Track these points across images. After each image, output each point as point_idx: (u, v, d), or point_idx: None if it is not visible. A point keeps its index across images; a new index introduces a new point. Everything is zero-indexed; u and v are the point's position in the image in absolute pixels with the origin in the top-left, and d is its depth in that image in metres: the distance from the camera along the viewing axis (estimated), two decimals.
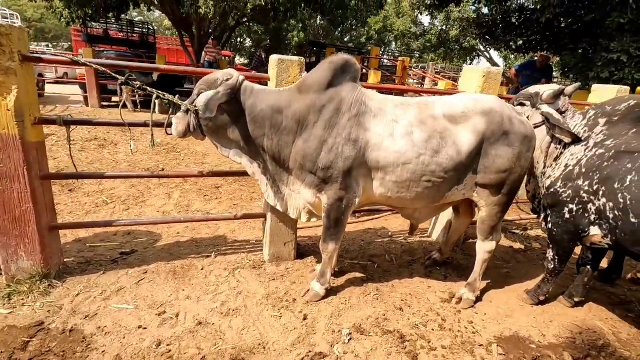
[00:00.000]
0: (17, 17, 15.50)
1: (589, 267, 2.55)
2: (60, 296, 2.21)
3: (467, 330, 2.27)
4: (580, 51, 5.77)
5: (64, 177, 2.80)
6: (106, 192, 4.04)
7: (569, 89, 2.57)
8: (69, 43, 18.96)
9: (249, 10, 10.24)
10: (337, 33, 25.30)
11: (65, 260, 2.55)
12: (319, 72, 2.14)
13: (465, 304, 2.49)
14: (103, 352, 1.84)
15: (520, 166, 2.24)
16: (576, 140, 2.33)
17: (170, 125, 2.17)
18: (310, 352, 1.93)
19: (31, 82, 2.09)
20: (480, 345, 2.13)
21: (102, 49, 11.63)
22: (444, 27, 13.61)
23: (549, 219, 2.45)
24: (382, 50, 27.17)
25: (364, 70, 9.23)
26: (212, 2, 6.48)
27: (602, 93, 3.48)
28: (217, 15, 7.18)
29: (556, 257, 2.48)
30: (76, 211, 3.50)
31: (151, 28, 13.80)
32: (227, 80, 2.06)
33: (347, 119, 2.07)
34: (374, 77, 7.71)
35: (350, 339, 2.05)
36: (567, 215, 2.29)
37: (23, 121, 2.02)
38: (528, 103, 2.57)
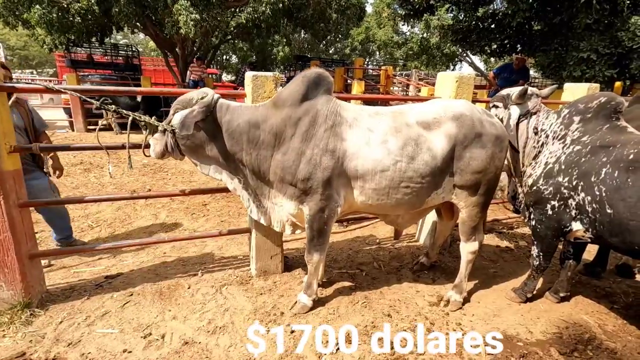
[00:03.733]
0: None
1: (571, 261, 2.59)
2: (42, 325, 2.17)
3: (454, 329, 2.28)
4: (553, 52, 5.95)
5: (43, 204, 2.77)
6: (92, 216, 4.01)
7: (545, 91, 2.66)
8: (54, 69, 18.96)
9: (232, 28, 10.42)
10: (321, 46, 25.72)
11: (47, 287, 2.51)
12: (293, 86, 2.18)
13: (453, 306, 2.50)
14: None
15: (494, 166, 2.31)
16: (514, 149, 2.55)
17: (148, 146, 2.18)
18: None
19: (4, 111, 2.09)
20: (470, 345, 2.14)
21: (86, 73, 11.63)
22: (424, 35, 13.91)
23: (531, 216, 2.49)
24: (368, 60, 27.68)
25: (348, 81, 9.38)
26: (192, 23, 6.57)
27: (574, 91, 3.58)
28: (198, 35, 7.26)
29: (540, 254, 2.51)
30: None
31: (135, 50, 13.85)
32: (202, 98, 2.09)
33: (324, 130, 2.11)
34: (357, 87, 7.83)
35: (337, 349, 2.05)
36: (549, 212, 2.34)
37: None
38: (501, 105, 2.65)
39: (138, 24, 9.32)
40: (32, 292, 2.30)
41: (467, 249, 2.51)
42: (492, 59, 16.08)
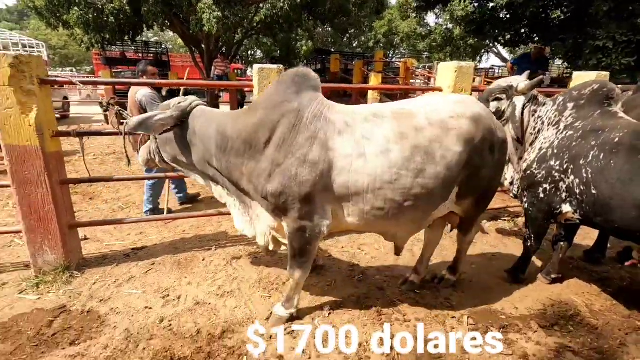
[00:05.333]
0: (42, 46, 16.65)
1: (562, 243, 2.68)
2: (79, 284, 2.55)
3: (443, 306, 2.44)
4: (570, 41, 5.79)
5: (79, 182, 3.18)
6: (122, 199, 4.43)
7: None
8: (91, 67, 20.13)
9: (254, 24, 10.73)
10: (344, 39, 25.69)
11: (84, 255, 2.90)
12: (271, 87, 2.00)
13: (446, 283, 2.62)
14: (115, 327, 2.14)
15: (499, 172, 2.27)
16: (518, 141, 2.62)
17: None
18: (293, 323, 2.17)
19: (48, 102, 2.45)
20: (452, 318, 2.31)
21: (119, 70, 12.37)
22: (448, 26, 13.68)
23: (525, 199, 2.60)
24: (392, 52, 27.37)
25: (366, 74, 9.47)
26: (214, 20, 6.92)
27: (584, 79, 3.58)
28: (220, 31, 7.60)
29: (532, 236, 2.63)
30: (96, 217, 3.88)
31: (164, 47, 14.54)
32: (179, 103, 2.04)
33: (305, 137, 1.80)
34: (374, 80, 7.94)
35: (330, 314, 2.27)
36: (541, 195, 2.45)
37: (43, 134, 2.37)
38: (504, 96, 2.71)
39: (166, 21, 9.82)
40: (71, 258, 2.67)
41: (464, 240, 2.48)
42: (521, 51, 15.55)
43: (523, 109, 2.62)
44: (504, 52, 15.64)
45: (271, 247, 2.20)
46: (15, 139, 2.31)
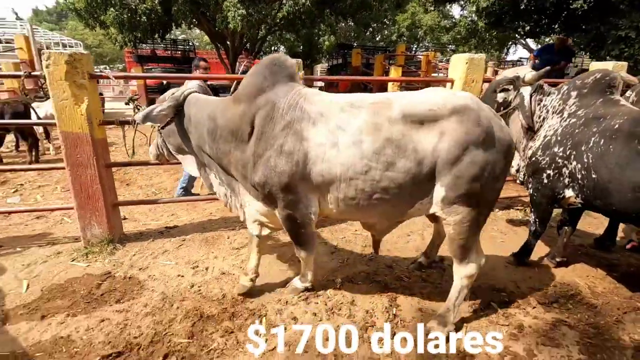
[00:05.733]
0: (80, 45, 17.65)
1: (566, 227, 2.78)
2: (121, 255, 2.89)
3: (447, 284, 2.57)
4: (593, 31, 5.64)
5: (121, 165, 3.58)
6: (155, 185, 4.82)
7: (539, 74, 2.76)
8: (124, 64, 21.13)
9: (277, 20, 11.01)
10: (367, 34, 25.56)
11: (124, 231, 3.26)
12: (249, 77, 1.99)
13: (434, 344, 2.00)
14: (152, 290, 2.45)
15: (495, 177, 1.86)
16: (530, 129, 2.67)
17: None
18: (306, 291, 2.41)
19: (95, 94, 2.79)
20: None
21: (150, 67, 13.00)
22: (473, 18, 13.43)
23: (530, 185, 2.72)
24: (416, 46, 27.01)
25: (386, 68, 9.55)
26: (239, 18, 7.24)
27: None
28: (245, 28, 7.92)
29: (537, 220, 2.74)
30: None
31: (192, 44, 15.10)
32: (173, 94, 2.12)
33: (280, 128, 1.83)
34: (394, 73, 8.03)
35: (341, 286, 2.50)
36: (545, 181, 2.56)
37: (92, 123, 2.71)
38: (511, 87, 2.80)
39: (194, 20, 10.27)
40: (114, 232, 3.03)
41: (460, 272, 2.03)
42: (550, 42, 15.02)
43: (530, 98, 2.71)
44: (532, 44, 15.17)
45: (259, 232, 2.26)
46: (70, 126, 2.66)
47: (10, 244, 3.06)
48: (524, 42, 16.07)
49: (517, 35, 15.07)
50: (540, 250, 3.03)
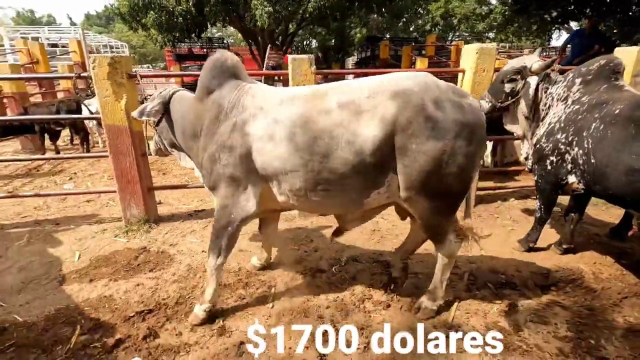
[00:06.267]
0: (125, 46, 18.92)
1: (573, 214, 2.79)
2: (155, 233, 3.29)
3: None
4: (624, 15, 5.30)
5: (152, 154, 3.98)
6: (188, 174, 5.26)
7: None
8: (164, 63, 22.39)
9: (307, 15, 11.23)
10: (399, 24, 25.13)
11: (159, 213, 3.67)
12: (200, 78, 2.04)
13: (424, 314, 2.13)
14: (180, 262, 2.81)
15: (457, 165, 1.71)
16: (529, 119, 2.72)
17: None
18: (313, 267, 2.66)
19: (133, 92, 3.17)
20: (455, 274, 2.60)
21: (187, 65, 13.75)
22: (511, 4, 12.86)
23: (535, 172, 2.76)
24: (451, 35, 26.13)
25: (414, 59, 9.47)
26: (266, 15, 7.54)
27: (623, 54, 3.49)
28: (272, 25, 8.23)
29: (542, 207, 2.79)
30: None
31: (225, 42, 15.72)
32: (161, 92, 2.25)
33: (225, 125, 1.91)
34: (420, 64, 7.99)
35: (345, 264, 2.72)
36: (549, 167, 2.61)
37: (130, 116, 3.10)
38: (518, 77, 2.74)
39: (226, 18, 10.75)
40: (150, 214, 3.44)
41: (440, 252, 2.03)
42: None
43: (537, 87, 2.73)
44: (576, 28, 14.21)
45: None
46: (112, 120, 3.07)
47: (66, 222, 3.57)
48: (567, 27, 15.12)
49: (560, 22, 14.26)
50: (550, 237, 3.06)
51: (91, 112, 6.12)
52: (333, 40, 25.20)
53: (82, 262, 2.85)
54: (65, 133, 7.31)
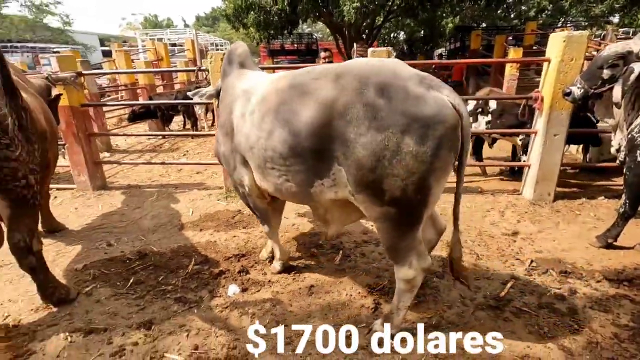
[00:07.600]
0: (227, 44, 21.09)
1: None
2: None
3: (512, 251, 2.80)
4: None
5: None
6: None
7: None
8: (259, 58, 24.37)
9: (395, 7, 11.25)
10: (498, 12, 23.05)
11: None
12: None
13: (372, 335, 1.87)
14: None
15: (403, 166, 1.43)
16: (630, 107, 2.51)
17: None
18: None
19: None
20: (516, 259, 2.66)
21: (279, 59, 14.89)
22: None
23: (624, 164, 2.62)
24: (561, 21, 23.09)
25: (507, 49, 8.84)
26: (353, 11, 7.87)
27: None
28: (359, 19, 8.53)
29: (627, 201, 2.65)
30: None
31: (314, 37, 16.53)
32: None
33: (224, 105, 2.20)
34: (513, 55, 7.51)
35: (357, 245, 2.93)
36: (639, 159, 2.49)
37: None
38: (621, 62, 2.56)
39: (317, 14, 11.38)
40: None
41: (397, 274, 1.75)
42: None
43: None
44: None
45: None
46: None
47: (182, 187, 4.47)
48: None
49: None
50: (637, 237, 2.86)
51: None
52: (422, 32, 24.34)
53: (194, 216, 3.61)
54: (179, 119, 8.72)
